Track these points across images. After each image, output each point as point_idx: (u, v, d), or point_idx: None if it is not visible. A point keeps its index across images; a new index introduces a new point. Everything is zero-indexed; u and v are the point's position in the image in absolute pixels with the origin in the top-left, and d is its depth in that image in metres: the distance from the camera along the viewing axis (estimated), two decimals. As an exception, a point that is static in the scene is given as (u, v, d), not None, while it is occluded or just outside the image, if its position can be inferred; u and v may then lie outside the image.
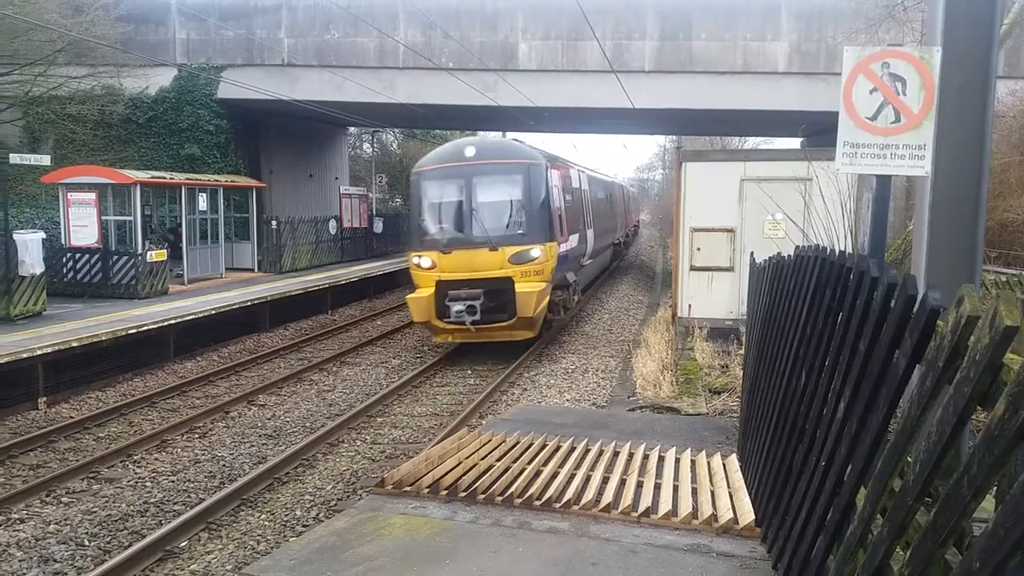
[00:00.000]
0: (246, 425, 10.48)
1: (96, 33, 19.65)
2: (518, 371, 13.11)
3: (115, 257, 17.20)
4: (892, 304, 2.64)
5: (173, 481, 8.33)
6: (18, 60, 19.52)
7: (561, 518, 5.45)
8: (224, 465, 8.84)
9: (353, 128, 36.28)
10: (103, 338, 12.40)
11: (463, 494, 5.84)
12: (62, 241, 17.28)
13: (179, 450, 9.44)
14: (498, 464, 6.57)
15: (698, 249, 13.60)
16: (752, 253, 7.96)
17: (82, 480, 8.34)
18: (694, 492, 5.91)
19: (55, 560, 6.49)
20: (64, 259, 17.10)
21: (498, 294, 13.36)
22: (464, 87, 21.37)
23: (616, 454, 6.95)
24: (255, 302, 16.72)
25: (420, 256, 13.87)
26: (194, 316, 14.58)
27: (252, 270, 22.74)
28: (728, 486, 5.97)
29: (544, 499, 5.70)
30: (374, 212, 30.42)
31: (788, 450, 4.08)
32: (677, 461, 6.70)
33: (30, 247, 13.69)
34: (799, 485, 3.72)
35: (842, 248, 5.25)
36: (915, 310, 2.42)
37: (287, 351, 15.51)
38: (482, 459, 6.74)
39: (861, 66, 4.69)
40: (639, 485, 6.06)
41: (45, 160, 15.44)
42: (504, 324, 13.45)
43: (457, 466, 6.51)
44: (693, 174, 13.68)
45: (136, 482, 8.31)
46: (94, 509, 7.56)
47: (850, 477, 2.93)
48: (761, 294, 6.12)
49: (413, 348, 15.70)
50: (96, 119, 21.84)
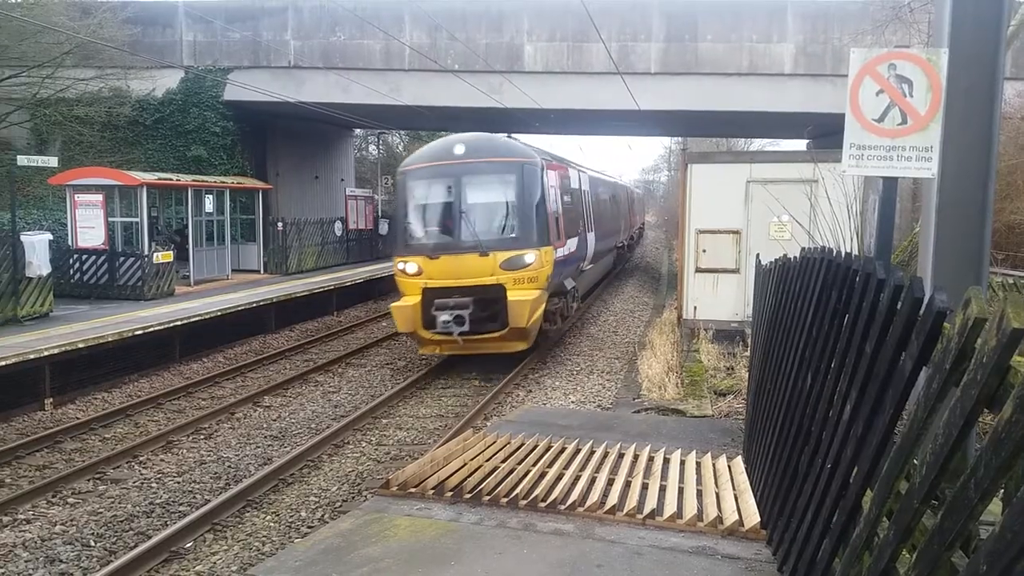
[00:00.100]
0: (252, 426, 10.50)
1: (103, 35, 19.74)
2: (523, 373, 13.09)
3: (121, 258, 17.27)
4: (899, 306, 2.64)
5: (178, 482, 8.35)
6: (26, 62, 19.62)
7: (566, 520, 5.44)
8: (229, 466, 8.86)
9: (359, 130, 36.31)
10: (109, 339, 12.44)
11: (468, 496, 5.84)
12: (69, 242, 17.33)
13: (185, 451, 9.46)
14: (503, 466, 6.57)
15: (703, 251, 13.57)
16: (758, 255, 7.95)
17: (88, 481, 8.36)
18: (699, 494, 5.90)
19: (61, 561, 6.50)
20: (71, 260, 17.17)
21: (489, 303, 12.40)
22: (470, 89, 21.37)
23: (621, 456, 6.94)
24: (261, 303, 16.76)
25: (405, 261, 12.82)
26: (200, 317, 14.62)
27: (258, 271, 22.76)
28: (733, 488, 5.96)
29: (549, 501, 5.69)
30: (379, 214, 30.44)
31: (794, 452, 4.07)
32: (682, 463, 6.69)
33: (37, 248, 13.74)
34: (805, 487, 3.71)
35: (848, 250, 5.24)
36: (922, 312, 2.42)
37: (293, 352, 15.54)
38: (487, 461, 6.74)
39: (868, 68, 4.68)
40: (644, 487, 6.06)
41: (52, 162, 15.49)
42: (495, 335, 12.49)
43: (462, 467, 6.50)
44: (699, 176, 13.64)
45: (142, 483, 8.33)
46: (100, 510, 7.58)
47: (856, 479, 2.92)
48: (767, 296, 6.12)
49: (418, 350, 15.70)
50: (103, 121, 21.90)
